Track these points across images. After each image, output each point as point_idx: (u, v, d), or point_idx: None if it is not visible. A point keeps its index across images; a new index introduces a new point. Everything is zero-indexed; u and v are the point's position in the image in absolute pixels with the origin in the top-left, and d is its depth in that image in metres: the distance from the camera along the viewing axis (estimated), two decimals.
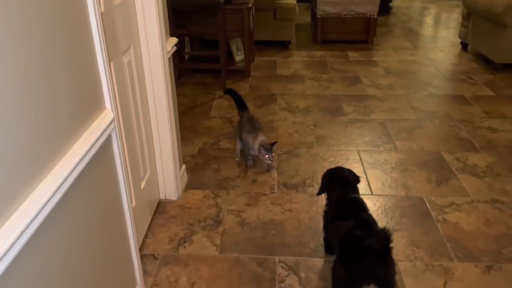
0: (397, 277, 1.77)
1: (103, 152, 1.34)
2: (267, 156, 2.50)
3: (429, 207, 2.26)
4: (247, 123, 2.68)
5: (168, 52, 2.05)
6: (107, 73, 1.30)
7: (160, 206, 2.29)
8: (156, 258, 1.94)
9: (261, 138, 2.56)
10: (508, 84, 3.88)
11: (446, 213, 2.20)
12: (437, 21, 6.47)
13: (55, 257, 1.08)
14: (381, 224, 2.02)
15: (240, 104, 2.94)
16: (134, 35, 1.84)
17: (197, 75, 4.26)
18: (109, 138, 1.37)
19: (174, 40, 2.17)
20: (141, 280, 1.66)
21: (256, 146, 2.53)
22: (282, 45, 5.03)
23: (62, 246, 1.11)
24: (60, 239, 1.10)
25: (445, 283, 1.77)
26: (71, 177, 1.11)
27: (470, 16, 4.67)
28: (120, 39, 1.67)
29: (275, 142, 2.56)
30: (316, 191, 2.37)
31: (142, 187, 2.00)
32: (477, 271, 1.83)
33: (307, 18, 6.55)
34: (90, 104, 1.25)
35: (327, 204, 1.86)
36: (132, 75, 1.84)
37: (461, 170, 2.57)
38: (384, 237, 1.45)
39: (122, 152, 1.44)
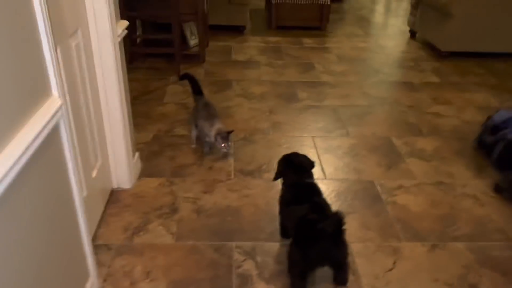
0: (349, 258, 1.84)
1: (50, 141, 1.28)
2: (223, 145, 2.50)
3: (379, 190, 2.36)
4: (203, 110, 2.66)
5: (118, 36, 1.98)
6: (53, 58, 1.24)
7: (113, 195, 2.24)
8: (110, 249, 1.90)
9: (218, 125, 2.55)
10: (453, 71, 4.10)
11: (395, 195, 2.31)
12: (387, 9, 6.68)
13: (1, 250, 1.03)
14: (334, 207, 2.08)
15: (196, 89, 2.90)
16: (82, 17, 1.76)
17: (149, 59, 4.14)
18: (56, 126, 1.32)
19: (125, 23, 2.10)
20: (94, 271, 1.63)
21: (213, 134, 2.51)
22: (237, 30, 4.99)
23: (8, 239, 1.06)
24: (5, 232, 1.05)
25: (394, 262, 1.87)
26: (15, 168, 1.06)
27: (418, 5, 4.87)
28: (66, 21, 1.59)
29: (232, 131, 2.56)
30: (272, 176, 2.40)
31: (93, 176, 1.95)
32: (424, 249, 1.95)
33: (261, 3, 6.53)
34: (35, 91, 1.19)
35: (282, 189, 1.89)
36: (81, 60, 1.76)
37: (409, 154, 2.70)
38: (337, 220, 1.51)
39: (70, 140, 1.39)
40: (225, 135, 2.51)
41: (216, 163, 2.58)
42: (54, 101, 1.27)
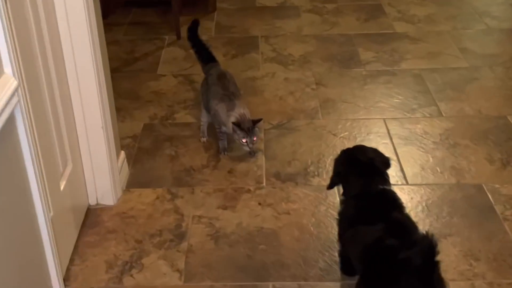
0: None
1: (2, 139, 1.35)
2: (245, 140, 2.54)
3: (491, 199, 2.34)
4: (216, 85, 2.70)
5: None
6: (3, 13, 1.29)
7: (91, 216, 2.30)
8: None
9: (239, 109, 2.59)
10: None
11: None
12: None
13: None
14: (422, 227, 2.07)
15: (205, 55, 2.93)
16: None
17: (134, 10, 4.21)
18: (11, 118, 1.38)
19: None
20: None
21: (230, 123, 2.56)
22: None
23: None
24: None
25: None
26: None
27: None
28: None
29: (260, 119, 2.60)
30: (324, 182, 2.41)
31: (61, 188, 2.02)
32: None
33: None
34: None
35: (343, 202, 1.91)
36: (38, 16, 1.82)
37: None
38: (428, 247, 1.51)
39: (31, 137, 1.45)
40: (249, 126, 2.54)
41: (239, 164, 2.60)
42: (7, 82, 1.33)
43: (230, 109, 2.59)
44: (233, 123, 2.52)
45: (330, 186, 1.95)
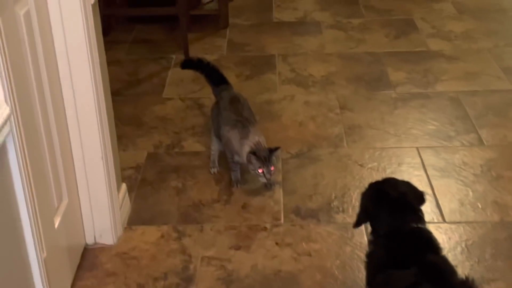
0: None
1: None
2: (261, 171, 2.55)
3: None
4: (229, 110, 2.72)
5: None
6: None
7: (88, 257, 2.30)
8: None
9: (253, 137, 2.60)
10: None
11: None
12: None
13: None
14: (461, 271, 2.04)
15: (215, 77, 2.96)
16: None
17: (138, 27, 4.27)
18: (3, 148, 1.40)
19: None
20: None
21: (245, 152, 2.57)
22: None
23: None
24: None
25: None
26: None
27: None
28: None
29: (277, 148, 2.61)
30: (350, 219, 2.41)
31: (56, 225, 2.03)
32: None
33: None
34: None
35: (371, 242, 1.90)
36: (33, 36, 1.85)
37: None
38: None
39: (24, 169, 1.47)
40: (266, 155, 2.55)
41: (254, 198, 2.61)
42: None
43: (243, 137, 2.60)
44: (251, 151, 2.54)
45: (357, 224, 1.94)
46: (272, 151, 2.57)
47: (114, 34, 4.14)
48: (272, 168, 2.56)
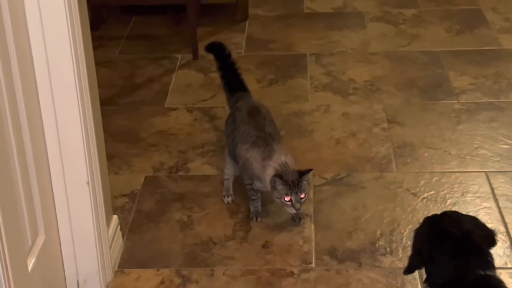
0: None
1: None
2: (288, 199, 2.52)
3: None
4: (247, 123, 2.71)
5: None
6: None
7: None
8: None
9: (279, 157, 2.58)
10: None
11: None
12: None
13: None
14: None
15: (233, 81, 2.95)
16: None
17: (135, 19, 4.29)
18: None
19: None
20: None
21: (268, 176, 2.55)
22: None
23: None
24: None
25: None
26: None
27: None
28: None
29: (309, 170, 2.59)
30: (400, 263, 2.38)
31: (29, 268, 2.01)
32: None
33: None
34: None
35: None
36: (3, 28, 1.86)
37: None
38: None
39: None
40: (295, 179, 2.53)
41: (278, 235, 2.60)
42: None
43: (266, 157, 2.59)
44: (274, 175, 2.52)
45: (409, 270, 1.91)
46: (302, 174, 2.55)
47: (105, 28, 4.17)
48: (302, 196, 2.53)
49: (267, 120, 2.75)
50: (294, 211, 2.56)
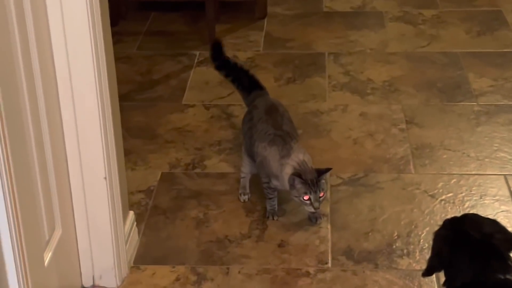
0: None
1: None
2: (307, 198, 2.52)
3: None
4: (265, 121, 2.71)
5: None
6: None
7: None
8: None
9: (297, 155, 2.58)
10: None
11: None
12: None
13: None
14: None
15: (246, 82, 2.95)
16: None
17: (154, 15, 4.30)
18: None
19: None
20: None
21: (286, 175, 2.55)
22: None
23: None
24: None
25: None
26: None
27: None
28: None
29: (328, 169, 2.59)
30: (418, 266, 2.37)
31: (46, 262, 2.02)
32: None
33: None
34: None
35: None
36: (24, 22, 1.87)
37: None
38: None
39: (9, 192, 1.46)
40: (314, 177, 2.53)
41: (295, 234, 2.59)
42: None
43: (284, 155, 2.58)
44: (292, 173, 2.52)
45: (427, 272, 1.90)
46: (321, 173, 2.54)
47: (124, 23, 4.18)
48: (321, 195, 2.53)
49: (285, 118, 2.74)
50: (313, 210, 2.55)
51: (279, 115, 2.74)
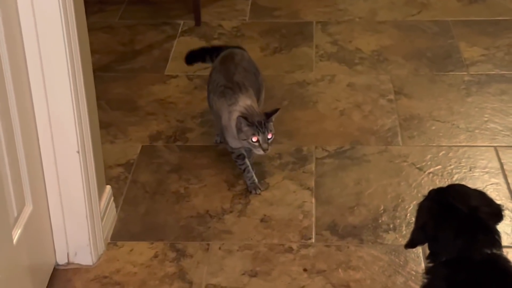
0: None
1: None
2: (255, 139, 2.50)
3: None
4: (218, 71, 2.74)
5: None
6: None
7: (58, 281, 2.28)
8: None
9: (243, 101, 2.58)
10: None
11: None
12: None
13: None
14: None
15: (215, 51, 2.97)
16: None
17: None
18: None
19: None
20: None
21: (233, 121, 2.54)
22: None
23: None
24: None
25: None
26: None
27: None
28: None
29: (276, 110, 2.58)
30: (403, 240, 2.34)
31: (14, 240, 1.99)
32: None
33: None
34: None
35: (429, 271, 1.84)
36: None
37: None
38: None
39: None
40: (261, 120, 2.52)
41: (278, 208, 2.58)
42: None
43: (231, 103, 2.59)
44: (238, 116, 2.51)
45: (410, 244, 1.88)
46: (269, 115, 2.54)
47: None
48: (269, 136, 2.53)
49: (239, 67, 2.73)
50: (262, 152, 2.55)
51: (233, 65, 2.73)
